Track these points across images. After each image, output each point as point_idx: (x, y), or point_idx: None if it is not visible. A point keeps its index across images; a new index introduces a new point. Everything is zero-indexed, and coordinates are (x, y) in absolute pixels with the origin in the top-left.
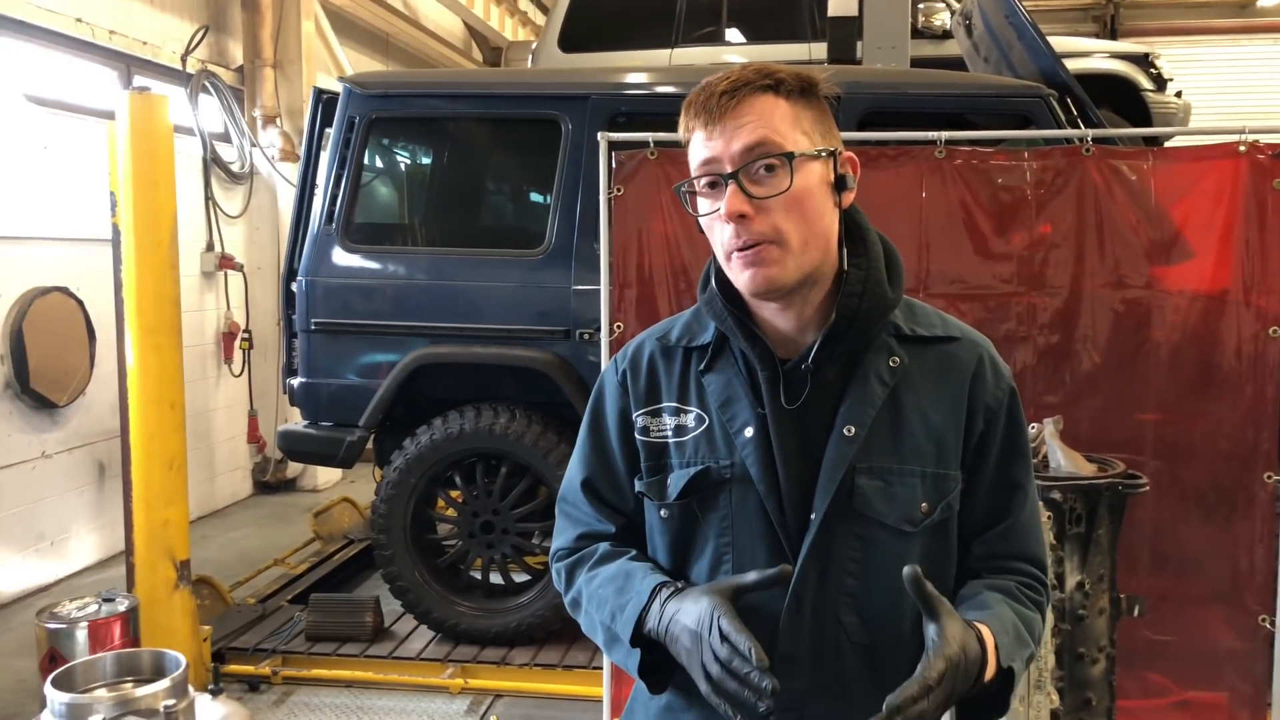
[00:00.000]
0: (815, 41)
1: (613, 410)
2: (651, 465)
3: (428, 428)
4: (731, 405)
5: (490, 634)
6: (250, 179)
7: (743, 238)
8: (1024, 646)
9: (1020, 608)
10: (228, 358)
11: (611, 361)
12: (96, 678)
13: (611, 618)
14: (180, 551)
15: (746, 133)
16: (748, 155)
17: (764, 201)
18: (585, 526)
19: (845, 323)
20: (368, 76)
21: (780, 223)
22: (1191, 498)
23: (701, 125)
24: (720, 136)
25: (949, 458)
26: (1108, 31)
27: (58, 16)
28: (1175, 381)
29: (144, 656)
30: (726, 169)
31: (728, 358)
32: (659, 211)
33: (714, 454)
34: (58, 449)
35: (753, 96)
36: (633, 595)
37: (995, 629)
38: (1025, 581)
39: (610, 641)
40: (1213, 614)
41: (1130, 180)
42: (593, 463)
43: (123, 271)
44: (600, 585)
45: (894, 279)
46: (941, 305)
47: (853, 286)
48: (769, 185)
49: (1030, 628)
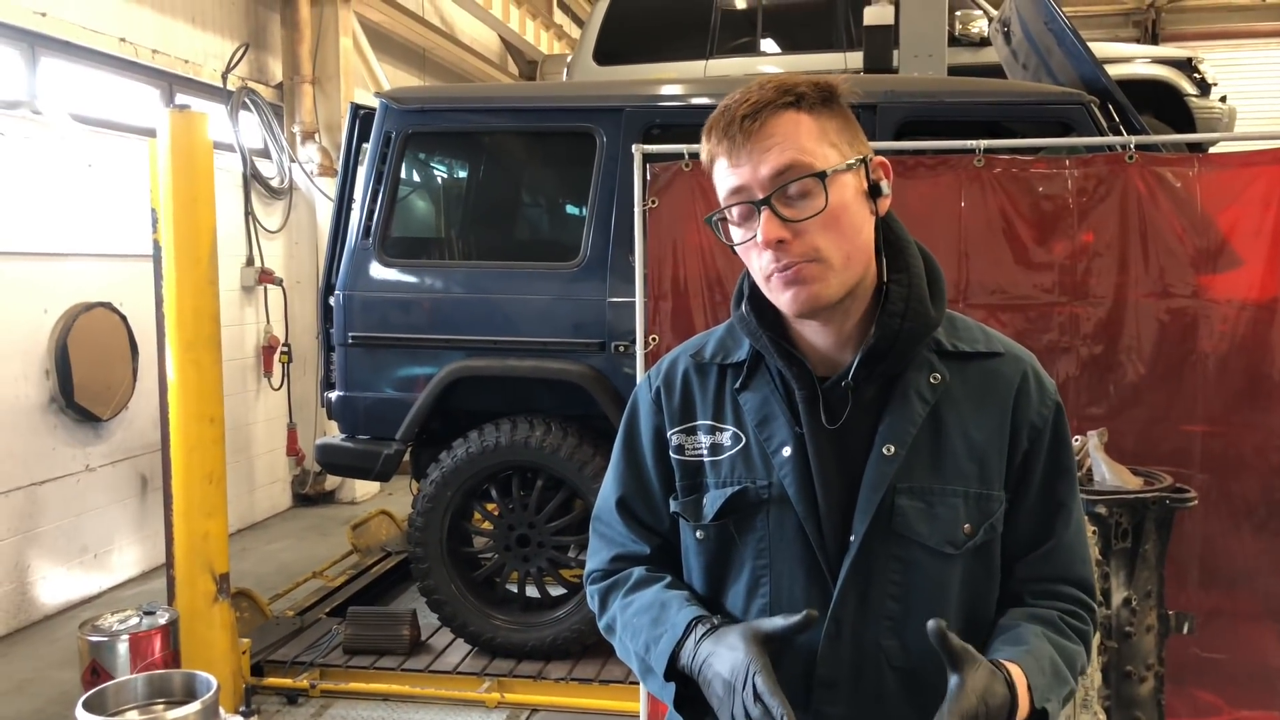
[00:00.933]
0: (851, 51)
1: (647, 427)
2: (687, 485)
3: (464, 441)
4: (769, 424)
5: (526, 648)
6: (289, 194)
7: (781, 261)
8: (1062, 684)
9: (1062, 640)
10: (267, 371)
11: (645, 378)
12: (128, 699)
13: (646, 649)
14: (220, 565)
15: (774, 156)
16: (778, 180)
17: (800, 224)
18: (620, 548)
19: (886, 343)
20: (404, 92)
21: (819, 242)
22: (1241, 511)
23: (725, 153)
24: (747, 163)
25: (992, 477)
26: (1149, 36)
27: (102, 37)
28: (1223, 392)
29: (175, 678)
30: (757, 195)
31: (763, 375)
32: (693, 223)
33: (751, 474)
34: (101, 462)
35: (775, 116)
36: (668, 628)
37: (1029, 667)
38: (1069, 610)
39: (644, 672)
40: (1265, 630)
41: (1175, 187)
42: (627, 481)
43: (163, 287)
44: (635, 614)
45: (936, 296)
46: (981, 316)
47: (894, 305)
48: (803, 207)
49: (1071, 662)
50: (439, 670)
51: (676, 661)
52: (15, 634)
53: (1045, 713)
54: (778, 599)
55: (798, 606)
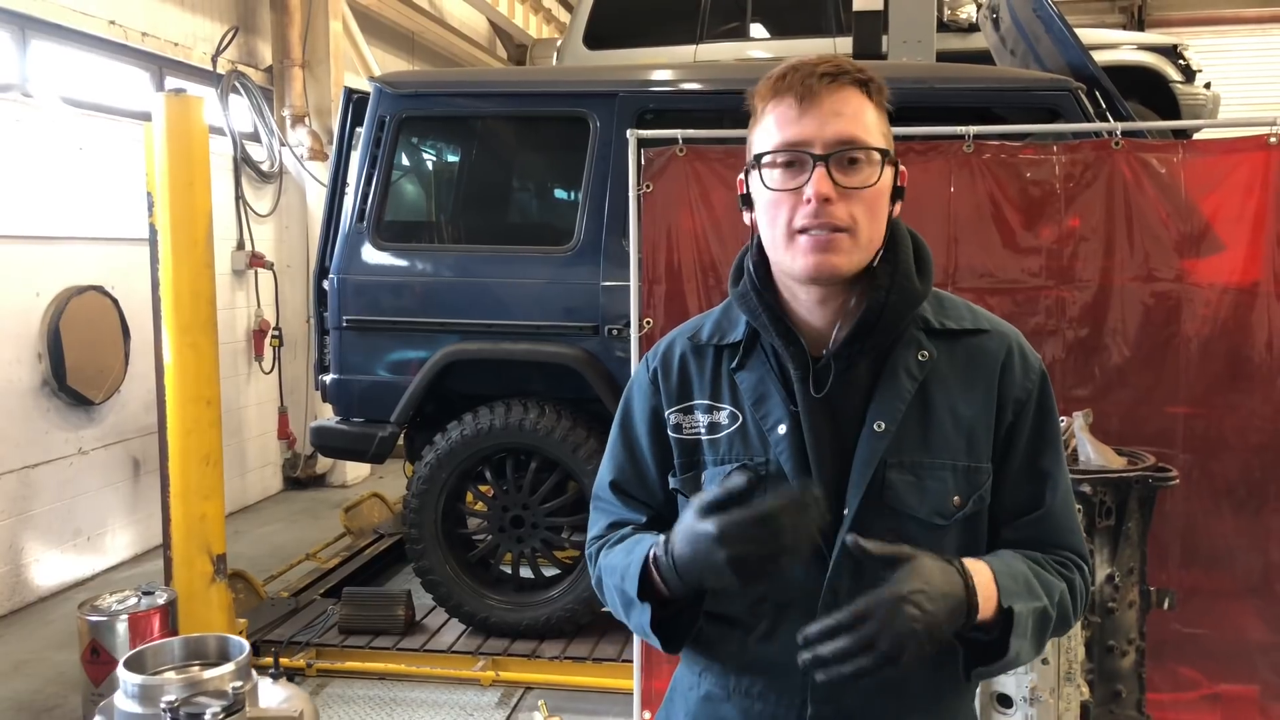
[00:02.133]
0: (840, 36)
1: (643, 409)
2: (684, 462)
3: (458, 423)
4: (764, 403)
5: (521, 627)
6: (280, 178)
7: (821, 218)
8: (1034, 599)
9: (1042, 571)
10: (258, 355)
11: (642, 360)
12: (165, 660)
13: (621, 579)
14: (217, 546)
15: (844, 123)
16: (840, 145)
17: (849, 191)
18: (615, 516)
19: (874, 314)
20: (398, 76)
21: (858, 214)
22: (1222, 491)
23: (795, 101)
24: (814, 119)
25: (980, 450)
26: (1135, 22)
27: (92, 19)
28: (1206, 374)
29: (210, 641)
30: (817, 151)
31: (759, 355)
32: (687, 208)
33: (748, 451)
34: (94, 445)
35: (851, 88)
36: (639, 555)
37: (997, 569)
38: (1058, 558)
39: (626, 606)
40: (1244, 607)
41: (1160, 173)
42: (621, 463)
43: (160, 270)
44: (614, 556)
45: (922, 271)
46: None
47: (881, 280)
48: (855, 177)
49: (1049, 587)
50: (434, 649)
51: (651, 578)
52: (10, 616)
53: (1011, 614)
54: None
55: (796, 578)
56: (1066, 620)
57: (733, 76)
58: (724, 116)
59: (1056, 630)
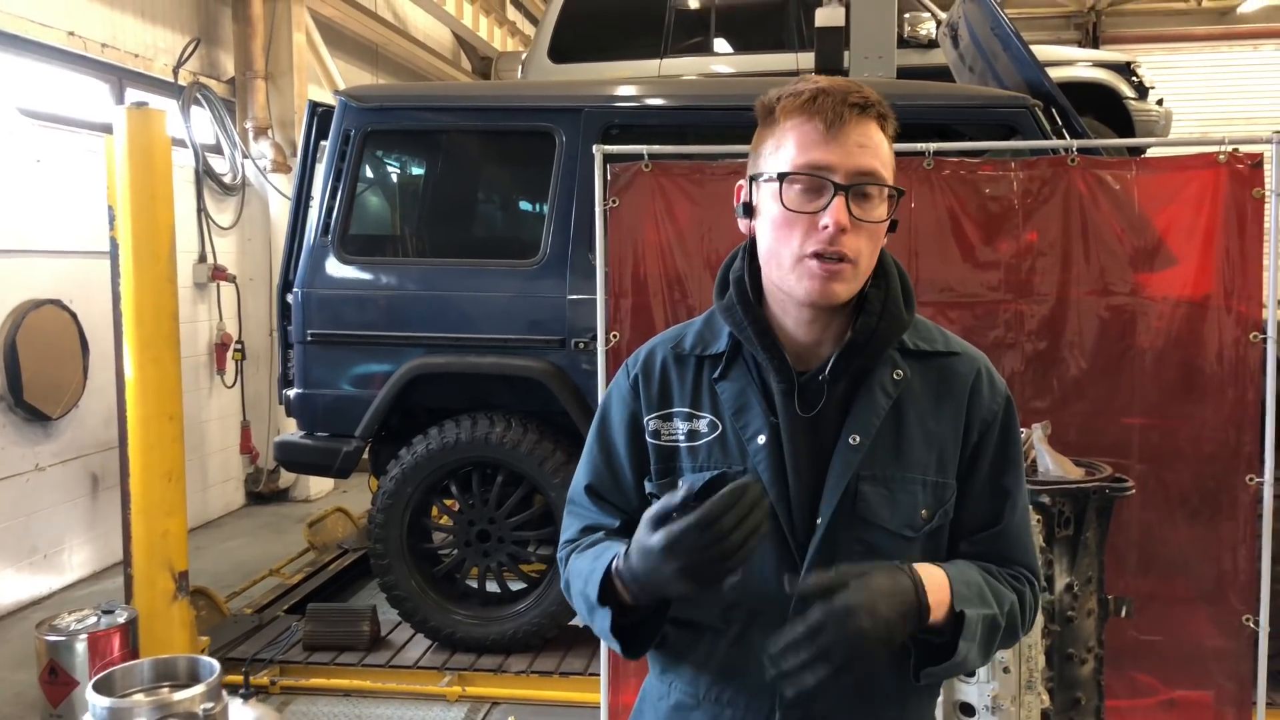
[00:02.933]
0: (802, 51)
1: (621, 414)
2: (661, 468)
3: (424, 437)
4: (745, 413)
5: (487, 642)
6: (242, 190)
7: (834, 246)
8: (985, 606)
9: (995, 581)
10: (220, 369)
11: (623, 367)
12: (135, 683)
13: (585, 583)
14: (179, 562)
15: (867, 156)
16: (861, 177)
17: (860, 223)
18: (589, 520)
19: (863, 339)
20: (363, 90)
21: (863, 246)
22: (1176, 500)
23: (824, 125)
24: (840, 147)
25: (947, 467)
26: (1090, 39)
27: (50, 30)
28: (1160, 386)
29: (180, 662)
30: (839, 180)
31: (740, 366)
32: (653, 222)
33: (727, 460)
34: (51, 462)
35: (874, 122)
36: (606, 559)
37: (952, 575)
38: (1012, 572)
39: (591, 611)
40: (1198, 614)
41: (1114, 189)
42: (598, 467)
43: (121, 285)
44: (582, 561)
45: (907, 300)
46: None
47: (873, 306)
48: (867, 210)
49: (1000, 597)
50: (400, 665)
51: (612, 583)
52: None
53: (963, 617)
54: (749, 579)
55: (768, 586)
56: (1015, 631)
57: (697, 92)
58: (688, 132)
59: (1005, 641)
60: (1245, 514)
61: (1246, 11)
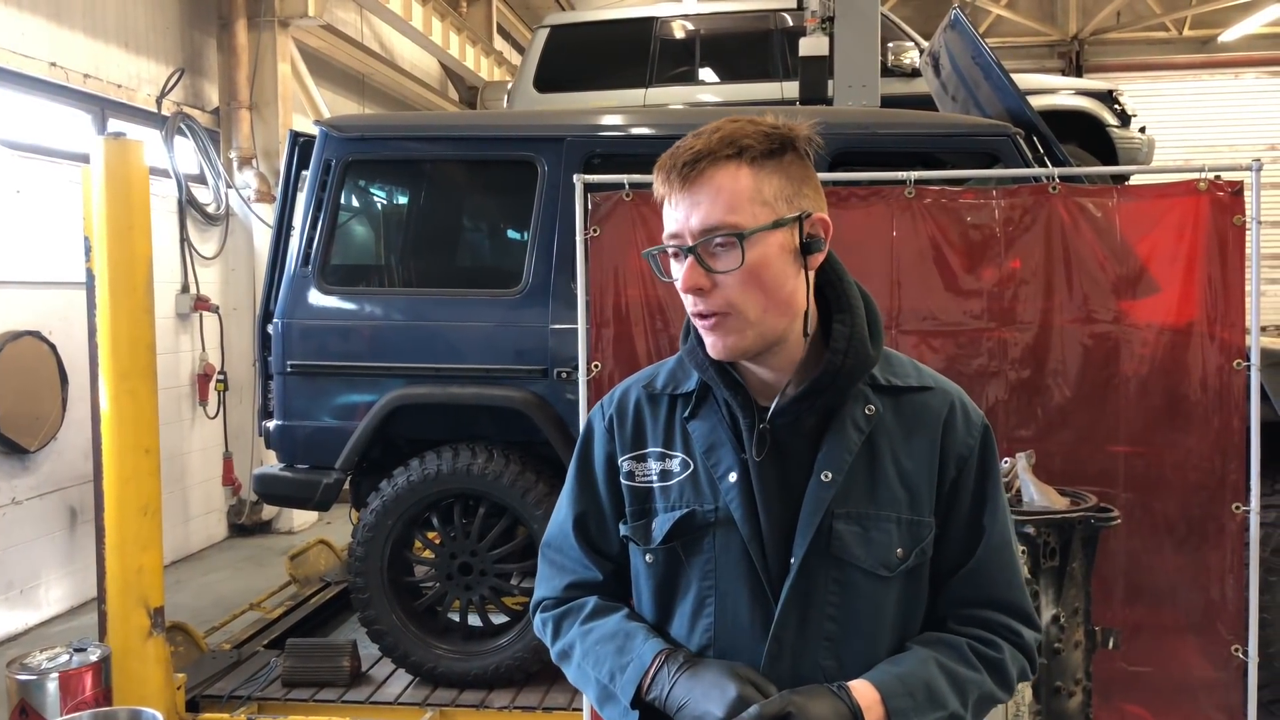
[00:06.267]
0: (787, 80)
1: (600, 454)
2: (636, 510)
3: (405, 469)
4: (715, 451)
5: (469, 677)
6: (226, 220)
7: (699, 307)
8: (934, 708)
9: (957, 667)
10: (203, 400)
11: (598, 406)
12: None
13: (610, 678)
14: (154, 599)
15: (703, 211)
16: (704, 234)
17: (720, 276)
18: (573, 575)
19: (829, 378)
20: (343, 120)
21: (734, 297)
22: (1163, 529)
23: (669, 193)
24: (681, 209)
25: (923, 504)
26: (1073, 68)
27: (32, 61)
28: (1144, 414)
29: (120, 715)
30: (687, 242)
31: (711, 404)
32: (634, 251)
33: (699, 498)
34: (28, 495)
35: (714, 168)
36: (634, 658)
37: (890, 690)
38: (982, 636)
39: (604, 699)
40: (1187, 644)
41: (1096, 217)
42: (583, 504)
43: (97, 316)
44: (597, 642)
45: (874, 336)
46: (913, 342)
47: (838, 343)
48: (724, 261)
49: (961, 688)
50: (380, 701)
51: (642, 691)
52: None
53: None
54: (722, 619)
55: (742, 626)
56: (991, 701)
57: (678, 121)
58: None
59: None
60: (1232, 543)
61: (1227, 40)
